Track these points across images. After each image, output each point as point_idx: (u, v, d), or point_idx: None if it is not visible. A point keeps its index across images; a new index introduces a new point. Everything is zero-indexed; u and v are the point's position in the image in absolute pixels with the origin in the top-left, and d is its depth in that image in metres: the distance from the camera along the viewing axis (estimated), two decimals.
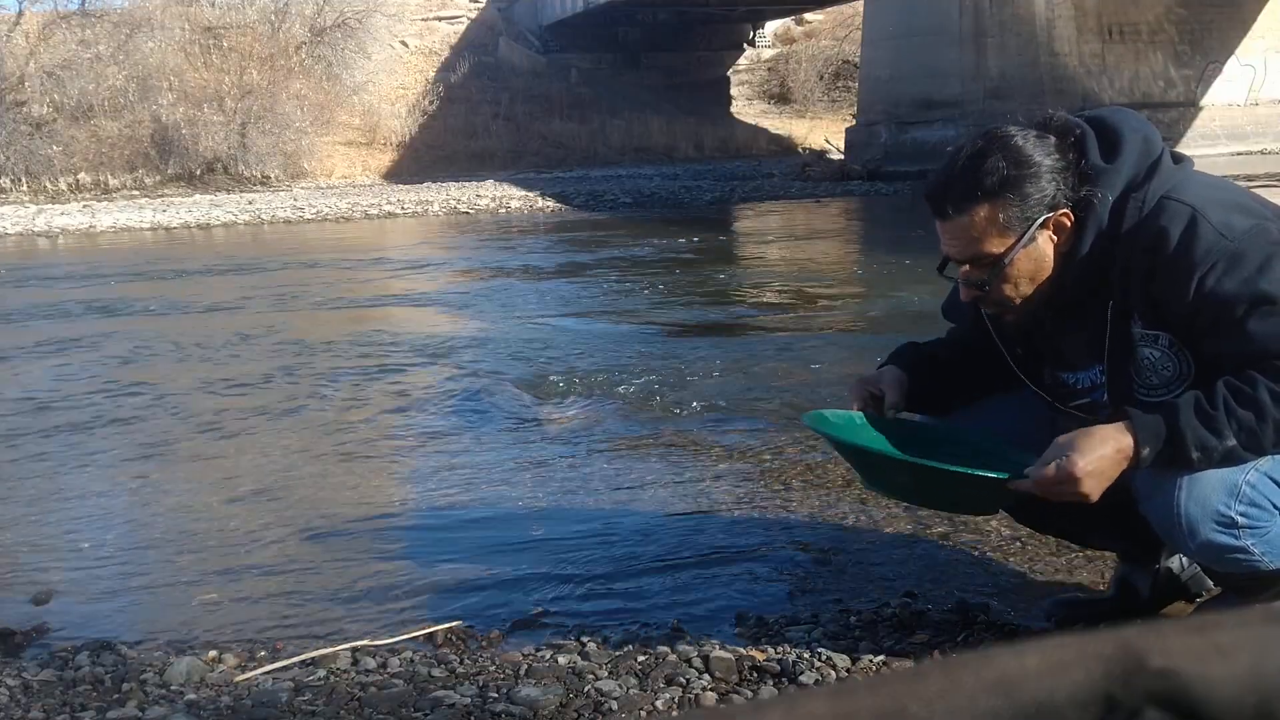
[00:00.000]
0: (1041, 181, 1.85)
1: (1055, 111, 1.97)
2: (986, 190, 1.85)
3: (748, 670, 2.12)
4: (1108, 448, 1.74)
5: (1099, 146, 1.88)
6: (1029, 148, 1.86)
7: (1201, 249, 1.75)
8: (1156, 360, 1.84)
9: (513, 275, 10.11)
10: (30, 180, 25.05)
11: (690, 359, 5.52)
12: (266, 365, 5.96)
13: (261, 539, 3.13)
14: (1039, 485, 1.77)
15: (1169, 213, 1.79)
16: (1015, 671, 0.38)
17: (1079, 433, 1.78)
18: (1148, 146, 1.89)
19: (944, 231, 1.94)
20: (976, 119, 19.53)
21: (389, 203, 20.71)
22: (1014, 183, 1.84)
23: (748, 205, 18.16)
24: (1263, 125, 21.40)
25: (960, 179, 1.88)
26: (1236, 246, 1.74)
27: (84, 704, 2.12)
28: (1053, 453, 1.77)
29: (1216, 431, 1.71)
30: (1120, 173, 1.86)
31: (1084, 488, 1.74)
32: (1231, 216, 1.78)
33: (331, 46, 29.76)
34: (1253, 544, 1.79)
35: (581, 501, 3.32)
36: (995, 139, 1.89)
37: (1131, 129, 1.90)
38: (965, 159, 1.89)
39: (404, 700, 2.07)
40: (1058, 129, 1.91)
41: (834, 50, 34.64)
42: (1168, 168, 1.87)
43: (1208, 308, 1.74)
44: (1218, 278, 1.73)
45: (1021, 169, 1.85)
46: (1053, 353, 2.02)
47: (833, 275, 9.30)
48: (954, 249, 1.93)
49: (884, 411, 2.08)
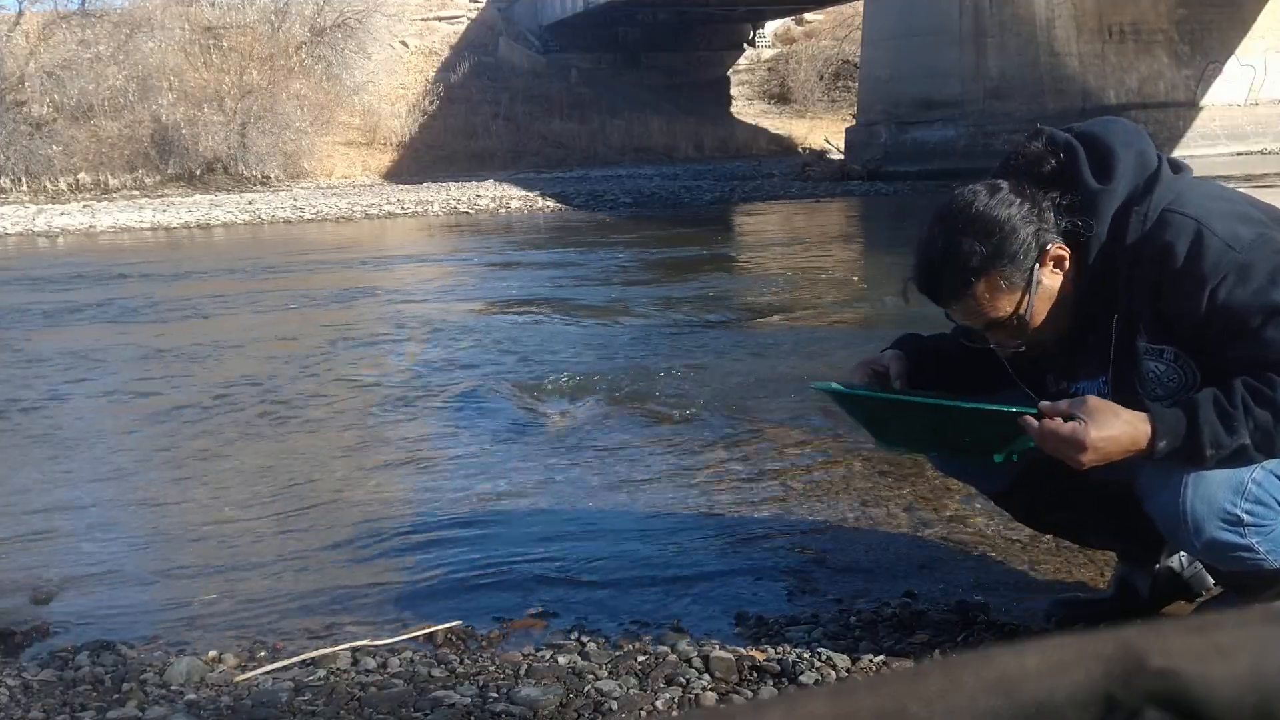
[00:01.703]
0: (1020, 234, 1.84)
1: (1041, 130, 1.95)
2: (974, 270, 1.85)
3: (748, 670, 2.12)
4: (1124, 433, 1.74)
5: (1091, 165, 1.87)
6: (991, 209, 1.85)
7: (1209, 262, 1.74)
8: (1162, 374, 1.84)
9: (513, 275, 10.11)
10: (30, 180, 25.05)
11: (690, 359, 5.52)
12: (265, 365, 5.96)
13: (261, 539, 3.13)
14: (1045, 431, 1.76)
15: (1173, 227, 1.79)
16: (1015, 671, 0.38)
17: (1106, 405, 1.77)
18: (1143, 160, 1.87)
19: (953, 313, 1.95)
20: (976, 119, 19.56)
21: (389, 203, 20.71)
22: (996, 251, 1.84)
23: (748, 205, 18.16)
24: (1263, 125, 21.41)
25: (945, 271, 1.88)
26: (1244, 258, 1.74)
27: (84, 704, 2.12)
28: (1075, 406, 1.77)
29: (1233, 430, 1.71)
30: (1116, 192, 1.85)
31: (1083, 457, 1.75)
32: (1236, 227, 1.78)
33: (331, 46, 29.76)
34: (1258, 542, 1.79)
35: (581, 501, 3.32)
36: (956, 217, 1.88)
37: (1124, 144, 1.88)
38: (940, 252, 1.88)
39: (404, 700, 2.07)
40: (1026, 165, 1.88)
41: (834, 50, 34.65)
42: (1167, 178, 1.85)
43: (1220, 320, 1.74)
44: (1229, 290, 1.73)
45: (994, 234, 1.84)
46: (1056, 362, 2.02)
47: (833, 275, 9.30)
48: (971, 323, 1.94)
49: (890, 385, 2.09)
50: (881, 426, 2.10)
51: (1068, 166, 1.88)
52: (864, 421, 2.14)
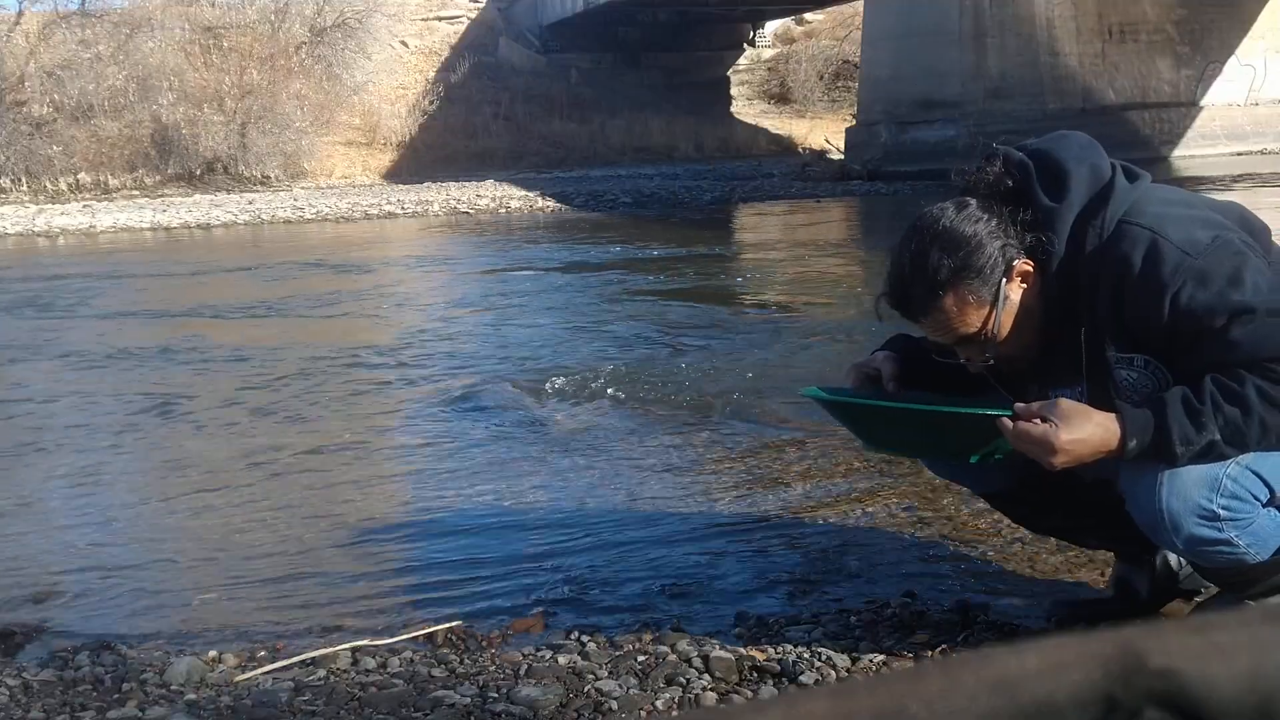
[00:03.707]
0: (986, 249, 1.87)
1: (997, 149, 1.97)
2: (942, 283, 1.87)
3: (748, 670, 2.12)
4: (1094, 434, 1.77)
5: (1043, 184, 1.89)
6: (958, 224, 1.88)
7: (1168, 270, 1.76)
8: (1134, 381, 1.85)
9: (513, 275, 10.11)
10: (30, 180, 25.03)
11: (691, 359, 5.52)
12: (265, 365, 5.96)
13: (261, 539, 3.13)
14: (1018, 432, 1.79)
15: (1129, 238, 1.81)
16: (1015, 671, 0.38)
17: (1078, 408, 1.80)
18: (1094, 174, 1.88)
19: (923, 328, 1.97)
20: (976, 119, 19.55)
21: (389, 203, 20.71)
22: (963, 265, 1.86)
23: (748, 205, 18.16)
24: (1263, 125, 21.43)
25: (915, 284, 1.90)
26: (1201, 263, 1.75)
27: (84, 704, 2.12)
28: (1047, 409, 1.80)
29: (1201, 426, 1.73)
30: (1071, 208, 1.86)
31: (1054, 459, 1.78)
32: (1193, 231, 1.79)
33: (331, 46, 29.74)
34: (1236, 535, 1.81)
35: (581, 501, 3.32)
36: (925, 232, 1.91)
37: (1076, 159, 1.89)
38: (909, 264, 1.91)
39: (404, 700, 2.07)
40: (988, 183, 1.91)
41: (834, 50, 34.64)
42: (1122, 189, 1.86)
43: (1185, 325, 1.76)
44: (1190, 295, 1.74)
45: (962, 248, 1.87)
46: (1033, 373, 2.03)
47: (833, 275, 9.29)
48: (941, 338, 1.96)
49: (884, 386, 2.10)
50: (867, 431, 2.13)
51: (1022, 185, 1.90)
52: (849, 425, 2.17)
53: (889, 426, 2.07)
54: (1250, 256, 1.77)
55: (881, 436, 2.14)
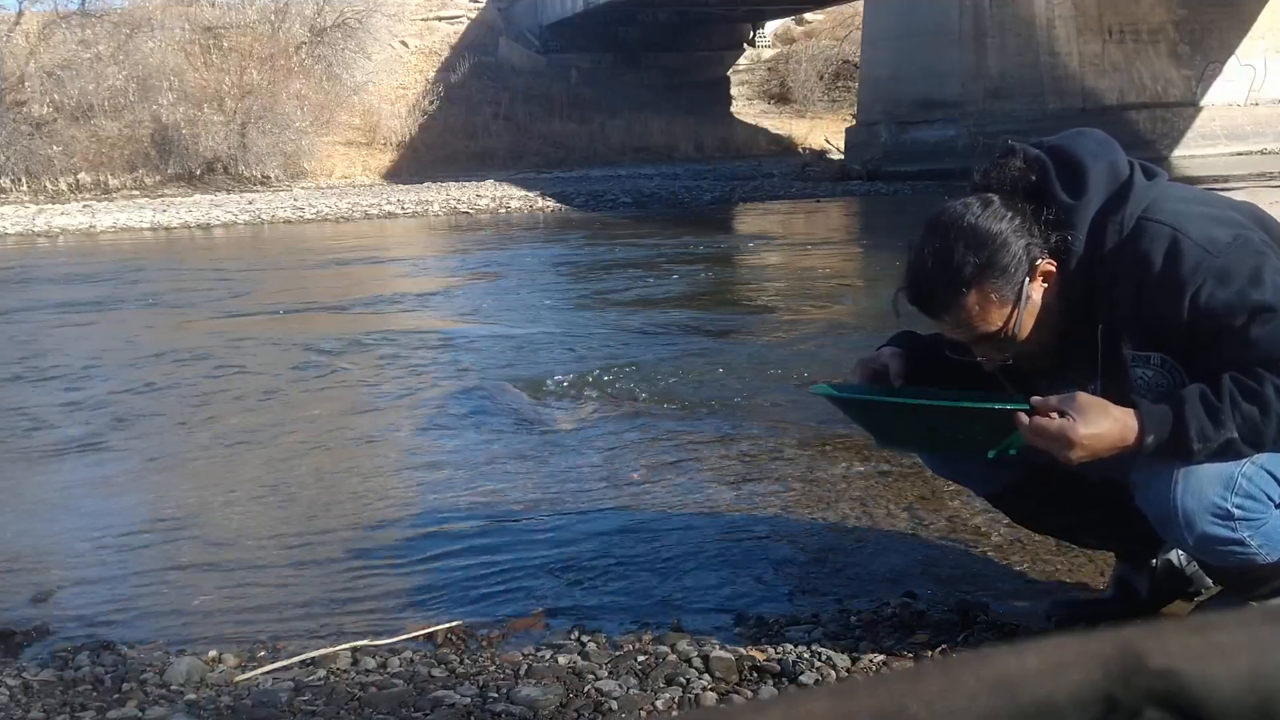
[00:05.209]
0: (1011, 247, 1.85)
1: (1013, 146, 1.95)
2: (966, 281, 1.86)
3: (748, 670, 2.12)
4: (1112, 430, 1.75)
5: (1062, 182, 1.87)
6: (984, 221, 1.86)
7: (1187, 267, 1.75)
8: (1150, 379, 1.84)
9: (513, 275, 10.11)
10: (30, 180, 25.04)
11: (690, 359, 5.52)
12: (266, 366, 5.96)
13: (262, 539, 3.13)
14: (1035, 427, 1.77)
15: (1149, 234, 1.80)
16: (1015, 671, 0.38)
17: (1096, 402, 1.78)
18: (1113, 171, 1.88)
19: (942, 326, 1.95)
20: (977, 119, 19.55)
21: (389, 203, 20.71)
22: (988, 263, 1.85)
23: (748, 205, 18.16)
24: (1263, 125, 21.41)
25: (938, 280, 1.88)
26: (1222, 261, 1.75)
27: (84, 704, 2.12)
28: (1065, 403, 1.78)
29: (1220, 423, 1.72)
30: (1090, 205, 1.86)
31: (1072, 454, 1.76)
32: (1212, 230, 1.79)
33: (331, 46, 29.74)
34: (1249, 536, 1.80)
35: (581, 501, 3.32)
36: (949, 228, 1.88)
37: (1093, 156, 1.88)
38: (932, 260, 1.89)
39: (404, 700, 2.07)
40: (1010, 180, 1.89)
41: (834, 50, 34.64)
42: (1140, 186, 1.86)
43: (1204, 323, 1.75)
44: (1209, 293, 1.74)
45: (987, 246, 1.85)
46: (1047, 371, 2.02)
47: (833, 275, 9.29)
48: (960, 336, 1.94)
49: (891, 383, 2.09)
50: (879, 427, 2.11)
51: (1041, 181, 1.89)
52: (862, 422, 2.15)
53: (903, 422, 2.05)
54: (1270, 256, 1.77)
55: (894, 433, 2.12)
